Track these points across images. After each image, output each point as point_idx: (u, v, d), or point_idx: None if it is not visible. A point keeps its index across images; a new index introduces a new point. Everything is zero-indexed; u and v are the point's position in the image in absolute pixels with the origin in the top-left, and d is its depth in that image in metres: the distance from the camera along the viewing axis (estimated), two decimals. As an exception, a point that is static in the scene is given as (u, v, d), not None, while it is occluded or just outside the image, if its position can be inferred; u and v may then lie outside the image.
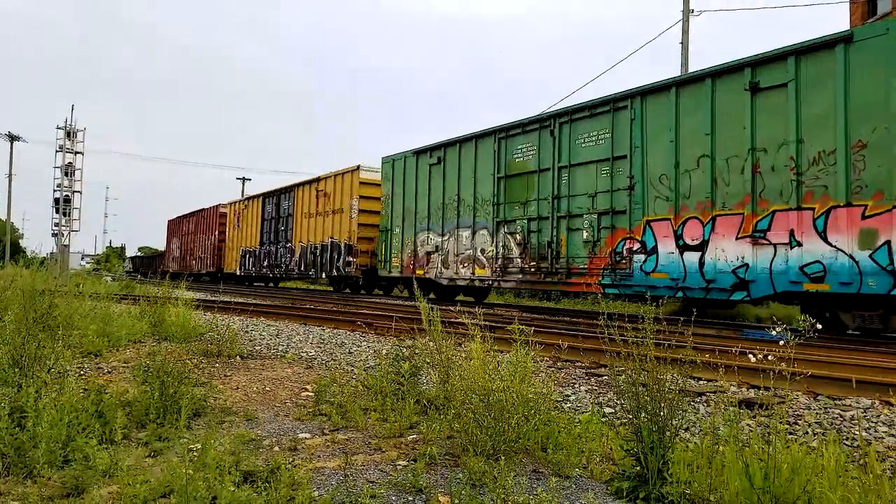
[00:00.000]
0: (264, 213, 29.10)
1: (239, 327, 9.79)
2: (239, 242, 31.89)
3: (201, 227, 38.23)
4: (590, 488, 3.12)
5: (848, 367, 5.96)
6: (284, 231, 26.84)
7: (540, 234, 13.97)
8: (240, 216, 31.98)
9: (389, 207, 19.25)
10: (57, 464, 3.11)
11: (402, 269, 18.42)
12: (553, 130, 13.81)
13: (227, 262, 33.43)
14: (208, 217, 37.08)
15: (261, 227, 29.28)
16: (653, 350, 3.12)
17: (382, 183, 19.69)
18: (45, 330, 4.50)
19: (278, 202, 27.79)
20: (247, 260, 30.67)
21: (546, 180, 13.95)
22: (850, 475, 2.88)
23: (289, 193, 26.76)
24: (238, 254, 31.82)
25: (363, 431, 4.05)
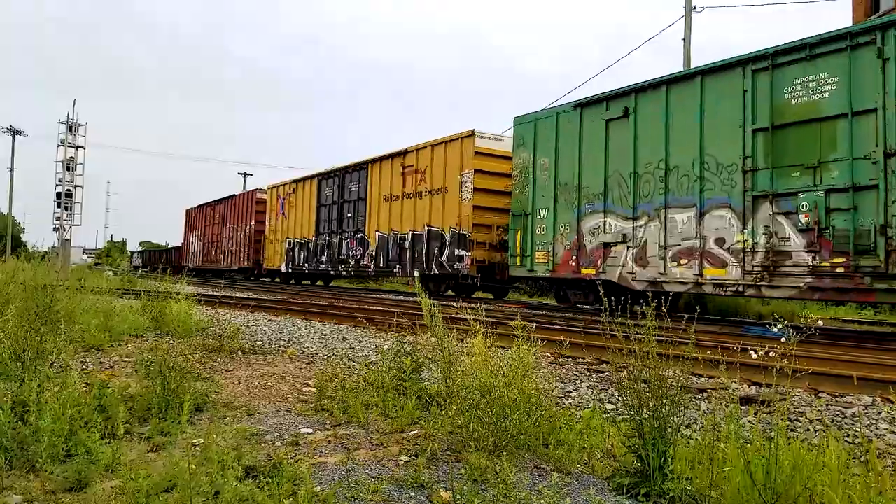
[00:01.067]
0: (321, 196, 24.10)
1: (241, 322, 9.80)
2: (284, 233, 26.82)
3: (232, 216, 33.37)
4: (591, 484, 3.12)
5: (849, 364, 5.95)
6: (353, 218, 21.97)
7: (855, 213, 8.86)
8: (285, 202, 26.90)
9: (530, 183, 13.97)
10: (59, 458, 3.11)
11: (555, 266, 13.22)
12: (884, 48, 8.68)
13: (268, 256, 28.31)
14: (241, 205, 32.30)
15: (316, 214, 24.16)
16: (655, 347, 3.12)
17: (515, 151, 14.45)
18: (47, 324, 4.51)
19: (342, 183, 22.78)
20: (296, 254, 25.68)
21: (865, 128, 8.83)
22: (851, 472, 2.88)
23: (359, 172, 21.76)
24: (283, 246, 26.75)
25: (365, 427, 4.06)
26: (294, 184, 26.56)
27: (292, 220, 26.21)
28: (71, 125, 24.25)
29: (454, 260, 16.87)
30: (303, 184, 25.78)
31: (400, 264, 19.24)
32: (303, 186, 25.71)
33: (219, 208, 35.85)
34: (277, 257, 27.36)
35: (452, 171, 17.11)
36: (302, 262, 25.18)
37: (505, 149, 16.47)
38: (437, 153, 17.92)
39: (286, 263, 26.41)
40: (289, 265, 26.21)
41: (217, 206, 36.21)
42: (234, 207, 33.22)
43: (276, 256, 27.56)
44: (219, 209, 35.80)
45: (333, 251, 22.99)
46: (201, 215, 39.08)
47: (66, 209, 24.46)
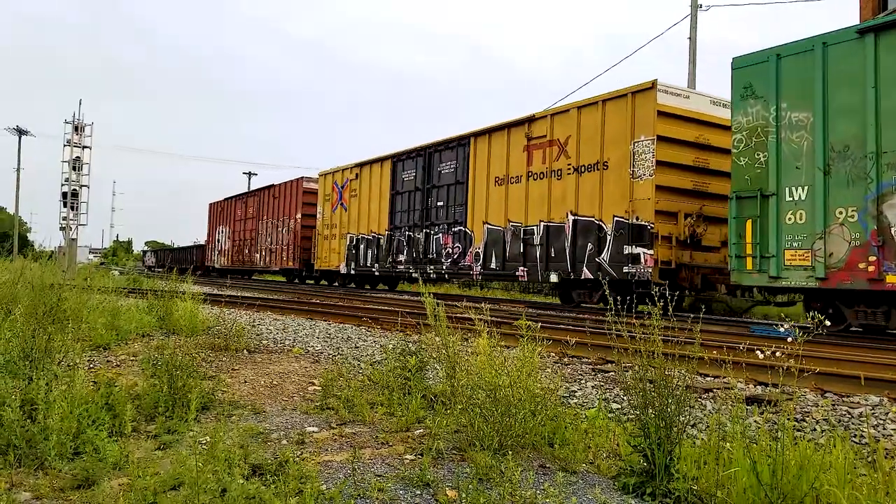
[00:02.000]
0: (396, 182, 19.74)
1: (246, 321, 9.82)
2: (344, 227, 22.47)
3: (270, 209, 29.26)
4: (596, 483, 3.12)
5: (856, 365, 5.93)
6: (446, 208, 17.53)
7: None
8: (345, 191, 22.53)
9: (770, 150, 9.74)
10: (67, 456, 3.13)
11: (828, 271, 8.95)
12: None
13: (321, 255, 23.99)
14: (283, 196, 28.14)
15: (390, 205, 19.91)
16: (660, 346, 3.12)
17: (738, 106, 10.19)
18: (54, 323, 4.53)
19: (428, 164, 18.38)
20: (360, 252, 21.36)
21: None
22: (858, 472, 2.88)
23: (455, 149, 17.36)
24: (343, 243, 22.40)
25: (370, 425, 4.07)
26: (357, 168, 21.87)
27: (355, 212, 21.74)
28: (77, 125, 24.33)
29: (623, 260, 12.33)
30: (369, 168, 21.19)
31: (524, 265, 14.59)
32: (369, 171, 21.16)
33: (252, 201, 31.91)
34: (334, 256, 22.97)
35: (617, 140, 12.72)
36: (369, 261, 20.82)
37: (695, 108, 12.55)
38: (589, 117, 13.36)
39: (347, 263, 22.05)
40: (350, 265, 21.85)
41: (250, 199, 32.29)
42: (274, 200, 28.91)
43: (332, 256, 23.19)
44: (252, 202, 31.86)
45: (416, 249, 18.48)
46: (229, 210, 34.97)
47: (72, 209, 24.55)
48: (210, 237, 38.78)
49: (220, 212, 36.87)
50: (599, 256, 12.87)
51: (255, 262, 30.65)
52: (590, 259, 13.09)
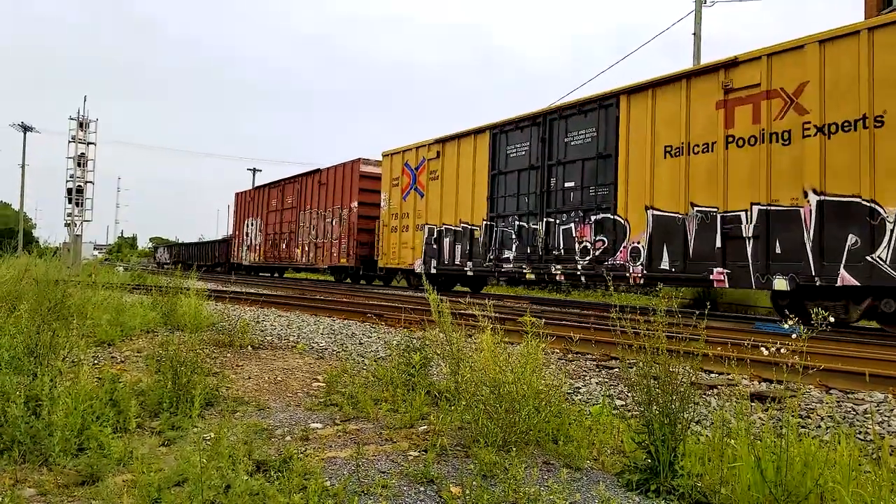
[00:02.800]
0: (497, 159, 15.75)
1: (250, 318, 9.84)
2: (420, 217, 18.47)
3: (317, 197, 25.65)
4: (601, 480, 3.12)
5: (860, 361, 5.91)
6: (581, 190, 13.47)
7: None
8: (421, 172, 18.57)
9: None
10: (72, 452, 3.14)
11: None
12: None
13: (387, 250, 20.00)
14: (334, 181, 24.39)
15: (490, 187, 15.84)
16: (664, 342, 3.11)
17: None
18: (59, 319, 4.54)
19: (547, 134, 14.27)
20: (445, 247, 17.32)
21: None
22: (862, 469, 2.87)
23: (598, 111, 13.17)
24: (419, 237, 18.44)
25: (374, 422, 4.07)
26: (438, 145, 17.88)
27: (436, 199, 17.85)
28: (81, 122, 24.39)
29: None
30: (456, 144, 17.19)
31: (724, 265, 10.63)
32: (456, 148, 17.15)
33: (291, 189, 28.22)
34: (406, 252, 19.08)
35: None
36: (458, 258, 16.88)
37: None
38: (840, 54, 9.46)
39: (425, 261, 18.07)
40: (430, 263, 17.85)
41: (288, 187, 28.59)
42: (320, 187, 25.34)
43: (403, 251, 19.27)
44: (291, 190, 28.20)
45: (532, 243, 14.48)
46: (261, 200, 31.47)
47: (77, 205, 24.62)
48: (237, 231, 34.76)
49: (248, 202, 33.07)
50: (873, 254, 8.94)
51: (295, 258, 26.99)
52: (851, 257, 9.12)
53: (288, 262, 28.31)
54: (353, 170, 23.26)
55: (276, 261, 29.32)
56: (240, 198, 34.63)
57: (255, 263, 31.96)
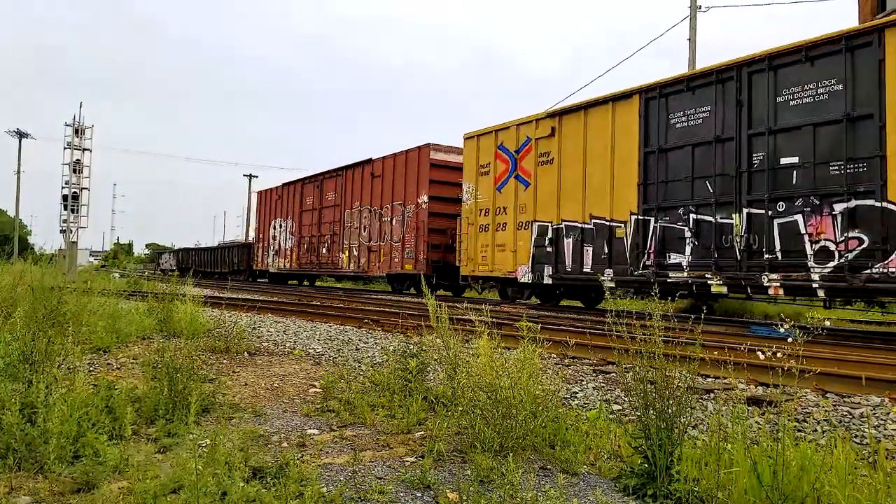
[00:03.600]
0: (652, 132, 12.13)
1: (246, 324, 9.82)
2: (526, 211, 14.69)
3: (369, 192, 21.93)
4: (598, 485, 3.12)
5: (857, 365, 5.93)
6: (813, 168, 9.82)
7: None
8: (523, 157, 14.79)
9: None
10: (67, 459, 3.13)
11: None
12: None
13: (474, 253, 16.04)
14: (394, 172, 20.60)
15: (641, 170, 12.27)
16: (661, 347, 3.12)
17: None
18: (54, 326, 4.52)
19: (745, 93, 10.71)
20: (566, 248, 13.69)
21: None
22: (859, 473, 2.87)
23: (834, 56, 9.56)
24: (524, 237, 14.69)
25: (371, 428, 4.06)
26: (552, 120, 14.01)
27: (550, 188, 13.98)
28: (77, 128, 24.34)
29: None
30: (581, 117, 13.37)
31: None
32: (581, 122, 13.36)
33: (332, 184, 24.53)
34: (505, 256, 15.11)
35: None
36: (588, 263, 13.09)
37: None
38: None
39: (535, 267, 14.22)
40: (542, 270, 14.05)
41: (329, 181, 24.83)
42: (374, 179, 21.64)
43: (498, 255, 15.36)
44: (332, 185, 24.52)
45: (725, 242, 10.85)
46: (292, 198, 27.72)
47: (72, 211, 24.55)
48: (261, 234, 30.93)
49: (276, 202, 29.23)
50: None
51: (340, 264, 23.35)
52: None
53: (330, 269, 24.55)
54: (421, 158, 19.20)
55: (314, 267, 25.50)
56: (264, 197, 30.61)
57: (286, 270, 27.99)
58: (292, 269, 27.66)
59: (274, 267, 29.16)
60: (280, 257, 28.63)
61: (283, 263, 28.27)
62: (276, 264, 28.98)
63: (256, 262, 31.43)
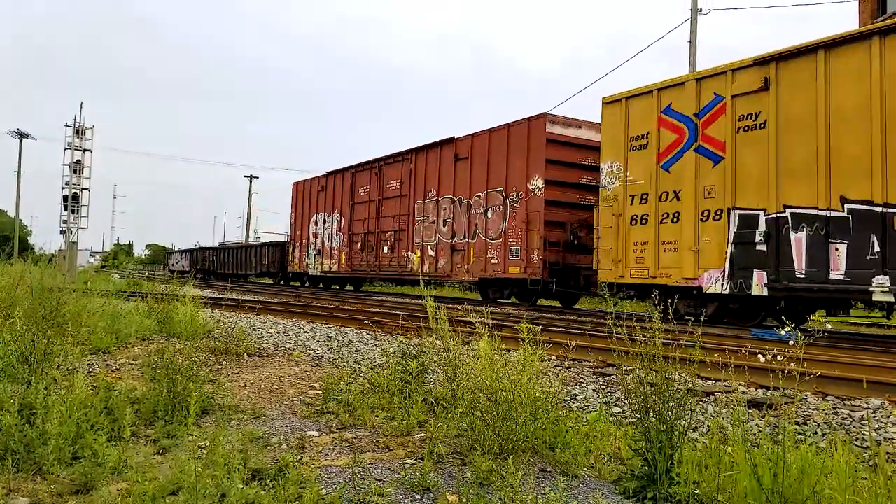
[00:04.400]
0: None
1: (246, 325, 9.82)
2: (715, 196, 11.05)
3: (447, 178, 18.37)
4: (598, 488, 3.11)
5: (857, 368, 5.92)
6: None
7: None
8: (708, 123, 11.24)
9: None
10: (66, 461, 3.12)
11: None
12: None
13: (626, 254, 12.51)
14: (485, 152, 17.09)
15: None
16: (661, 349, 3.11)
17: None
18: (54, 327, 4.52)
19: None
20: (800, 248, 9.81)
21: None
22: (859, 476, 2.87)
23: None
24: (716, 231, 10.99)
25: (371, 430, 4.06)
26: (765, 69, 10.48)
27: (761, 162, 10.49)
28: (78, 128, 24.34)
29: None
30: (822, 60, 9.75)
31: None
32: (818, 69, 9.79)
33: (396, 169, 20.76)
34: (681, 258, 11.47)
35: None
36: (840, 266, 9.33)
37: None
38: None
39: (736, 271, 10.51)
40: (752, 277, 10.31)
41: (391, 168, 21.12)
42: (458, 163, 17.91)
43: (666, 256, 11.81)
44: (396, 171, 20.75)
45: None
46: (339, 188, 24.02)
47: (73, 212, 24.55)
48: (298, 231, 27.10)
49: (317, 194, 25.56)
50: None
51: (409, 265, 19.50)
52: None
53: (394, 272, 20.62)
54: (533, 132, 15.27)
55: (372, 270, 21.67)
56: (302, 189, 26.89)
57: (333, 273, 24.18)
58: (341, 271, 23.64)
59: (316, 269, 25.23)
60: (324, 258, 24.63)
61: (329, 265, 24.33)
62: (318, 266, 25.12)
63: (292, 263, 27.56)
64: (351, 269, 23.10)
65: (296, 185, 27.73)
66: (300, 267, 26.89)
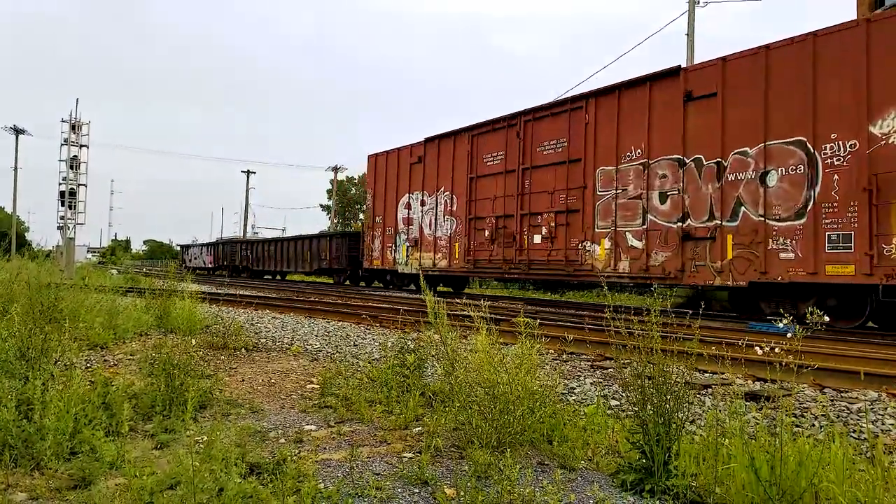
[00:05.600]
0: None
1: (244, 320, 9.81)
2: None
3: (660, 130, 12.67)
4: (595, 480, 3.12)
5: (855, 360, 5.93)
6: None
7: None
8: None
9: None
10: (64, 456, 3.12)
11: None
12: None
13: None
14: (737, 79, 11.31)
15: None
16: (658, 342, 3.11)
17: None
18: (51, 322, 4.51)
19: None
20: None
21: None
22: (856, 468, 2.87)
23: None
24: None
25: (369, 424, 4.06)
26: None
27: None
28: (74, 124, 24.26)
29: None
30: None
31: None
32: None
33: (550, 128, 15.28)
34: None
35: None
36: None
37: None
38: None
39: None
40: None
41: (543, 124, 15.49)
42: (691, 107, 12.08)
43: None
44: (550, 129, 15.24)
45: None
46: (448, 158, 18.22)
47: (70, 208, 24.48)
48: (380, 217, 20.87)
49: (410, 167, 19.54)
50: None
51: (589, 261, 13.95)
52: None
53: (558, 271, 14.77)
54: (879, 39, 9.65)
55: (515, 267, 15.89)
56: (383, 163, 20.69)
57: (440, 270, 18.23)
58: (453, 268, 17.83)
59: (409, 265, 19.22)
60: (423, 250, 18.81)
61: (432, 260, 18.49)
62: (412, 261, 19.14)
63: (369, 257, 21.45)
64: (473, 266, 17.19)
65: (373, 158, 21.09)
66: (383, 262, 20.62)
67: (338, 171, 53.48)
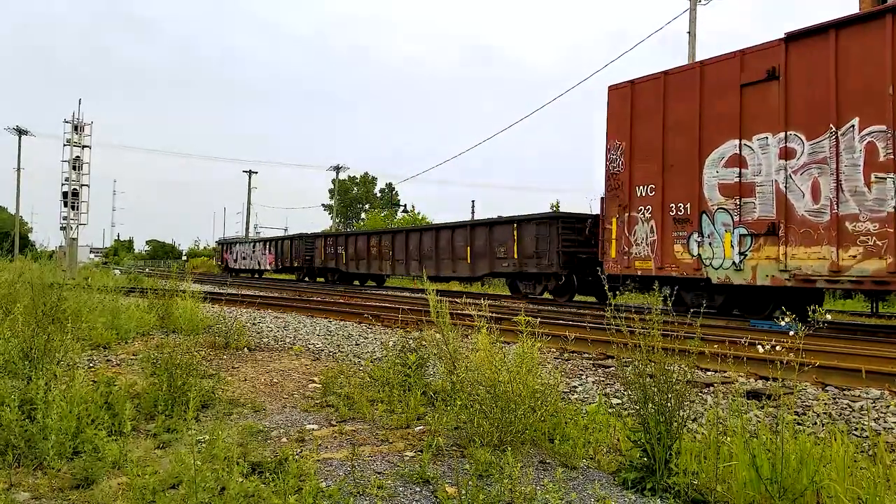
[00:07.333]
0: None
1: (246, 319, 9.83)
2: None
3: None
4: (597, 479, 3.12)
5: (857, 358, 5.92)
6: None
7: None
8: None
9: None
10: (67, 455, 3.13)
11: None
12: None
13: None
14: None
15: None
16: (660, 341, 3.11)
17: None
18: (54, 322, 4.52)
19: None
20: None
21: None
22: (858, 466, 2.87)
23: None
24: None
25: (370, 423, 4.06)
26: None
27: None
28: (76, 125, 24.31)
29: None
30: None
31: None
32: None
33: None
34: None
35: None
36: None
37: None
38: None
39: None
40: None
41: None
42: None
43: None
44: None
45: None
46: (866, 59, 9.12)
47: (72, 208, 24.53)
48: (647, 187, 12.36)
49: (748, 89, 10.66)
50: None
51: None
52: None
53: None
54: None
55: None
56: (658, 93, 12.33)
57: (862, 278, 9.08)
58: None
59: (746, 270, 10.62)
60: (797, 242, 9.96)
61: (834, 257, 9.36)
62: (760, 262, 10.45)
63: (620, 254, 12.88)
64: None
65: (625, 89, 12.99)
66: (661, 264, 12.05)
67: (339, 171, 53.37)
